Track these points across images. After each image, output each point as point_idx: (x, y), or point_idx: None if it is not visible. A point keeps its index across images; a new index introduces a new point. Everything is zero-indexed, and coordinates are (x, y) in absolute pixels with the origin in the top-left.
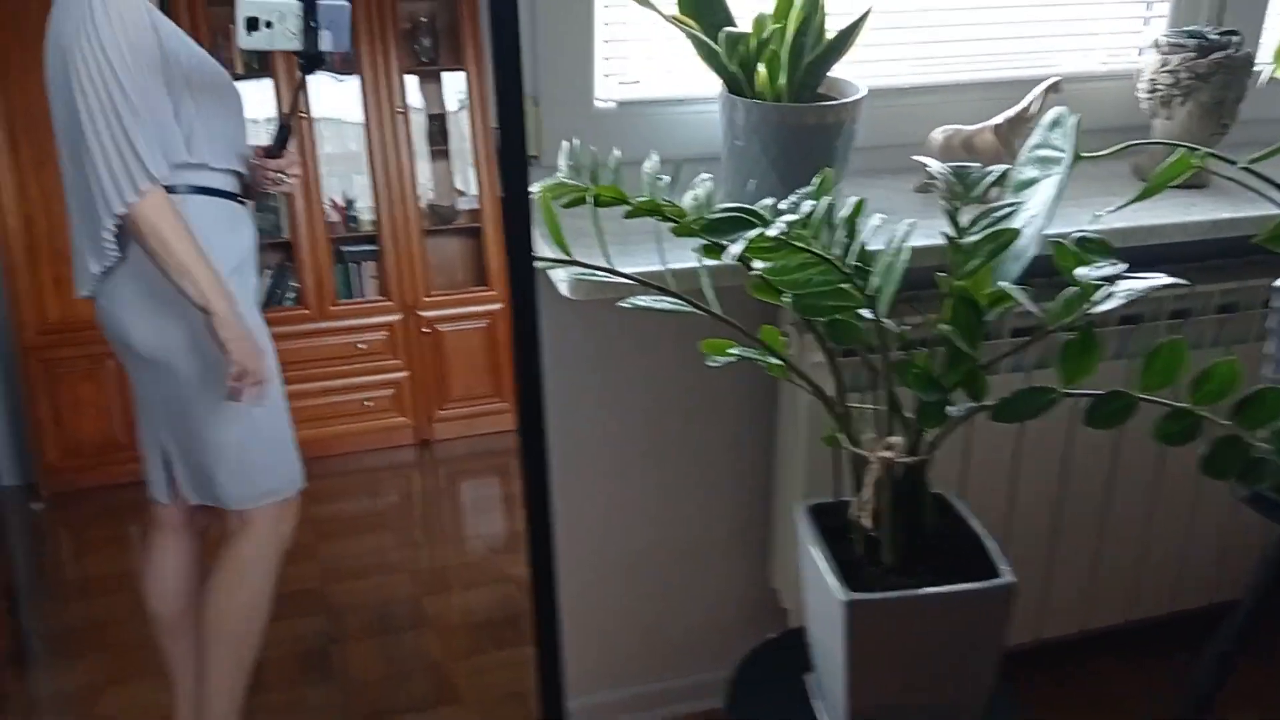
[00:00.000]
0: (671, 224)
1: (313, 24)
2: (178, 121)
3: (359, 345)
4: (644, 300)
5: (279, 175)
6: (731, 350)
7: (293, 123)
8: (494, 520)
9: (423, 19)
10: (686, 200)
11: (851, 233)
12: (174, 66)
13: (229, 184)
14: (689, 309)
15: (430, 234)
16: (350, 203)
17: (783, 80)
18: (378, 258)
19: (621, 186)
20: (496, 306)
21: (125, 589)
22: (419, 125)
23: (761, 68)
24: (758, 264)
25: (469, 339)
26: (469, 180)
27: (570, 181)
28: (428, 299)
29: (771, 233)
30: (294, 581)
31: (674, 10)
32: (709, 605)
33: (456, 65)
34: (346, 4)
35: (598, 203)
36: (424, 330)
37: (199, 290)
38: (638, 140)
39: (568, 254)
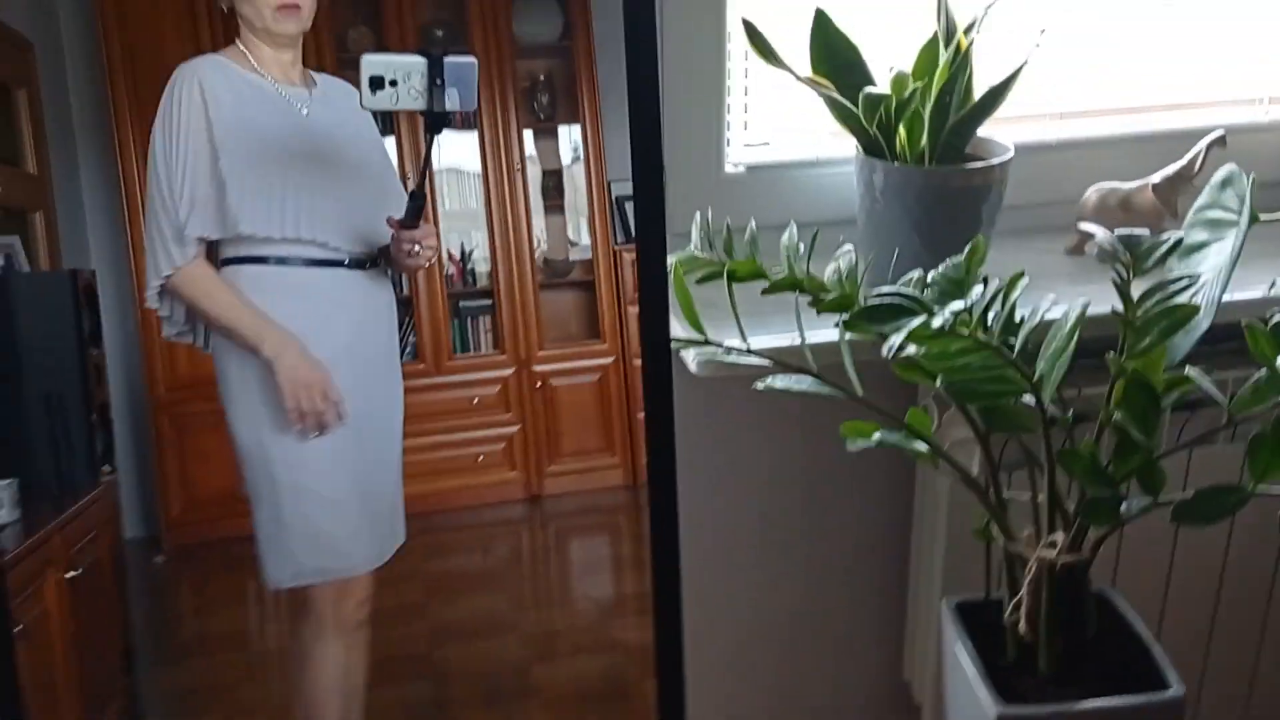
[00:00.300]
0: (814, 299)
1: (438, 82)
2: (226, 197)
3: (473, 400)
4: (781, 382)
5: (413, 248)
6: (875, 434)
7: (425, 194)
8: (603, 581)
9: (541, 77)
10: (827, 272)
11: (1011, 315)
12: (233, 149)
13: (300, 252)
14: (829, 391)
15: (544, 287)
16: (467, 255)
17: (925, 141)
18: (493, 312)
19: (756, 253)
20: (608, 360)
21: (241, 648)
22: (534, 179)
23: (902, 129)
24: (911, 347)
25: (580, 393)
26: (581, 232)
27: (704, 255)
28: (541, 353)
29: (936, 323)
30: (403, 644)
31: (807, 70)
32: (837, 693)
33: (572, 120)
34: (473, 60)
35: (734, 278)
36: (536, 384)
37: (244, 339)
38: (767, 205)
39: (701, 332)
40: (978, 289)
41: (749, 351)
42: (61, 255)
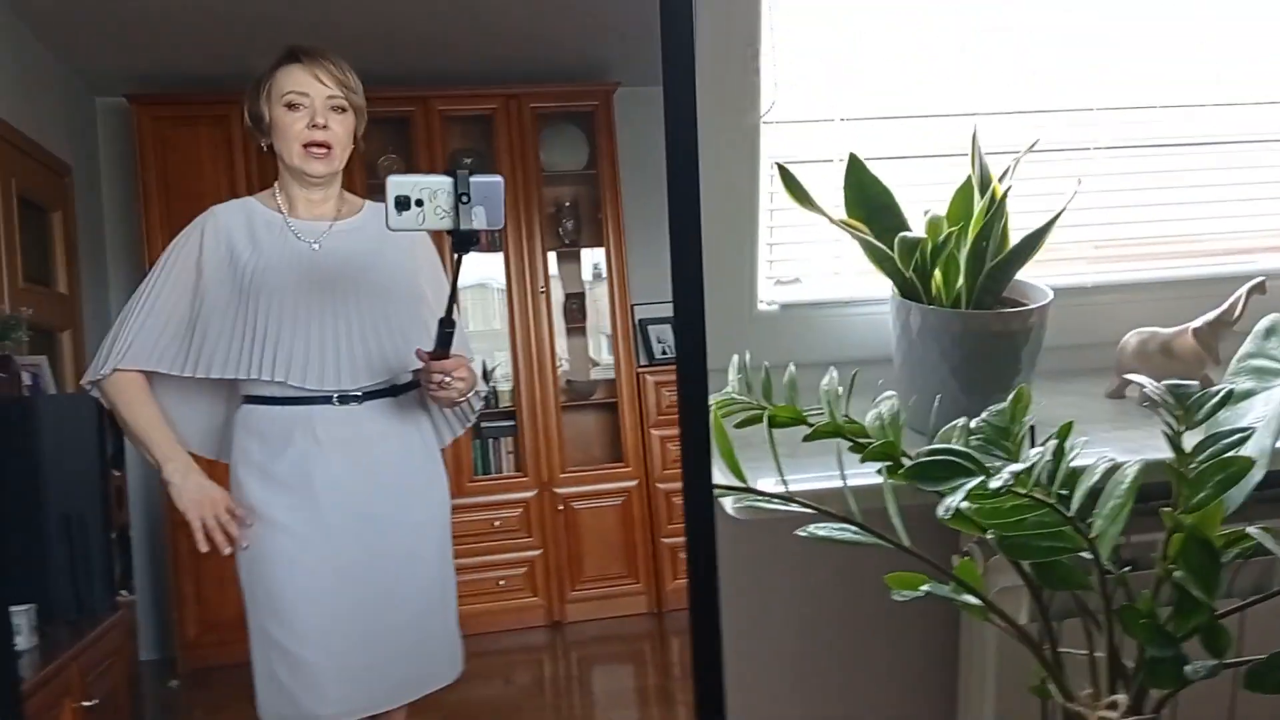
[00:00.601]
0: (854, 444)
1: (464, 200)
2: (198, 342)
3: (494, 522)
4: (823, 530)
5: (442, 379)
6: (923, 587)
7: (454, 322)
8: (629, 714)
9: (566, 203)
10: (869, 418)
11: (1062, 467)
12: (215, 296)
13: (278, 392)
14: (873, 541)
15: (566, 409)
16: (490, 375)
17: (960, 284)
18: (515, 433)
19: (796, 397)
20: (632, 484)
21: None
22: (556, 301)
23: (938, 272)
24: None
25: (603, 516)
26: (603, 352)
27: (742, 398)
28: (563, 475)
29: (995, 485)
30: None
31: (839, 213)
32: None
33: (596, 244)
34: (499, 179)
35: (775, 424)
36: (558, 507)
37: (152, 456)
38: (799, 343)
39: (741, 478)
40: (1035, 450)
41: (790, 499)
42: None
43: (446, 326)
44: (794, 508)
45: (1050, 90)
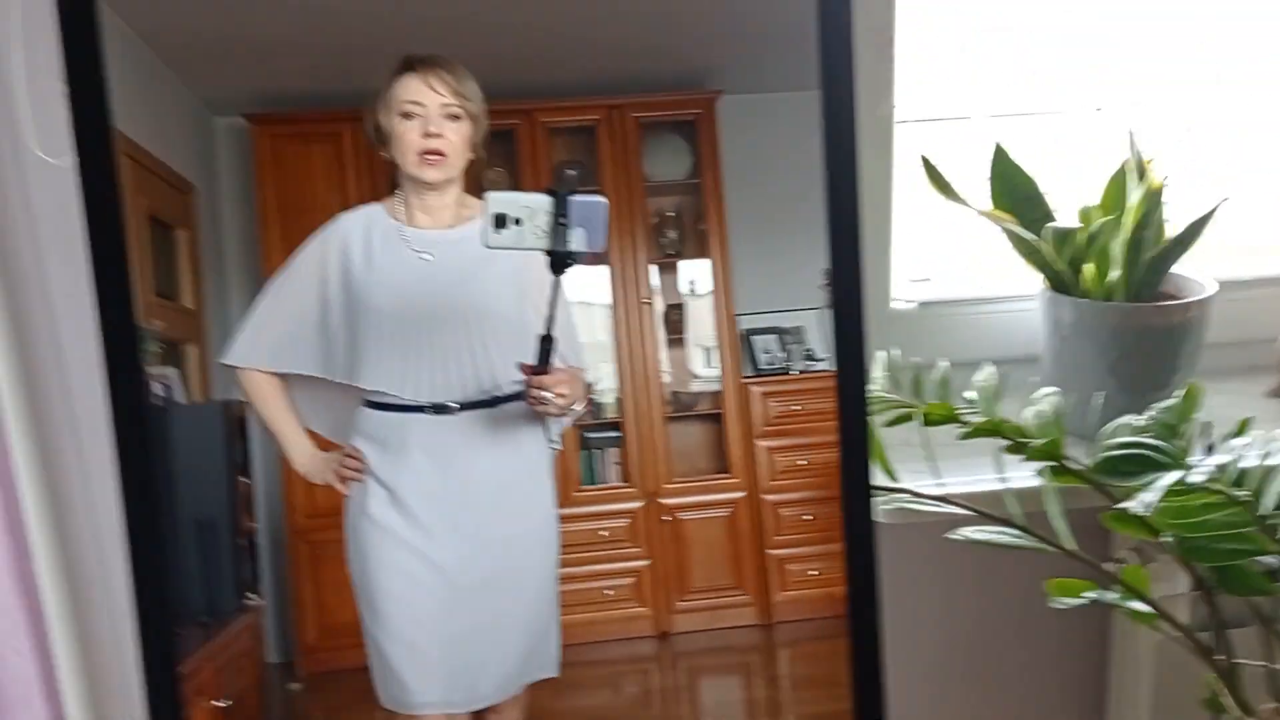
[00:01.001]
0: (1012, 444)
1: (562, 221)
2: (327, 344)
3: (601, 533)
4: (980, 534)
5: (542, 394)
6: (1089, 594)
7: (554, 337)
8: None
9: (669, 213)
10: (1026, 416)
11: (1248, 466)
12: (334, 303)
13: (383, 399)
14: (1036, 545)
15: (671, 420)
16: (594, 387)
17: (1115, 277)
18: (621, 444)
19: (948, 395)
20: (739, 495)
21: None
22: (659, 312)
23: (1089, 265)
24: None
25: (710, 527)
26: (700, 363)
27: (892, 396)
28: (669, 486)
29: (1195, 479)
30: None
31: (976, 205)
32: None
33: (700, 254)
34: (602, 200)
35: (929, 422)
36: (664, 518)
37: (280, 446)
38: (937, 342)
39: (893, 477)
40: (1240, 442)
41: (946, 500)
42: (212, 386)
43: (546, 342)
44: (950, 509)
45: (1204, 74)
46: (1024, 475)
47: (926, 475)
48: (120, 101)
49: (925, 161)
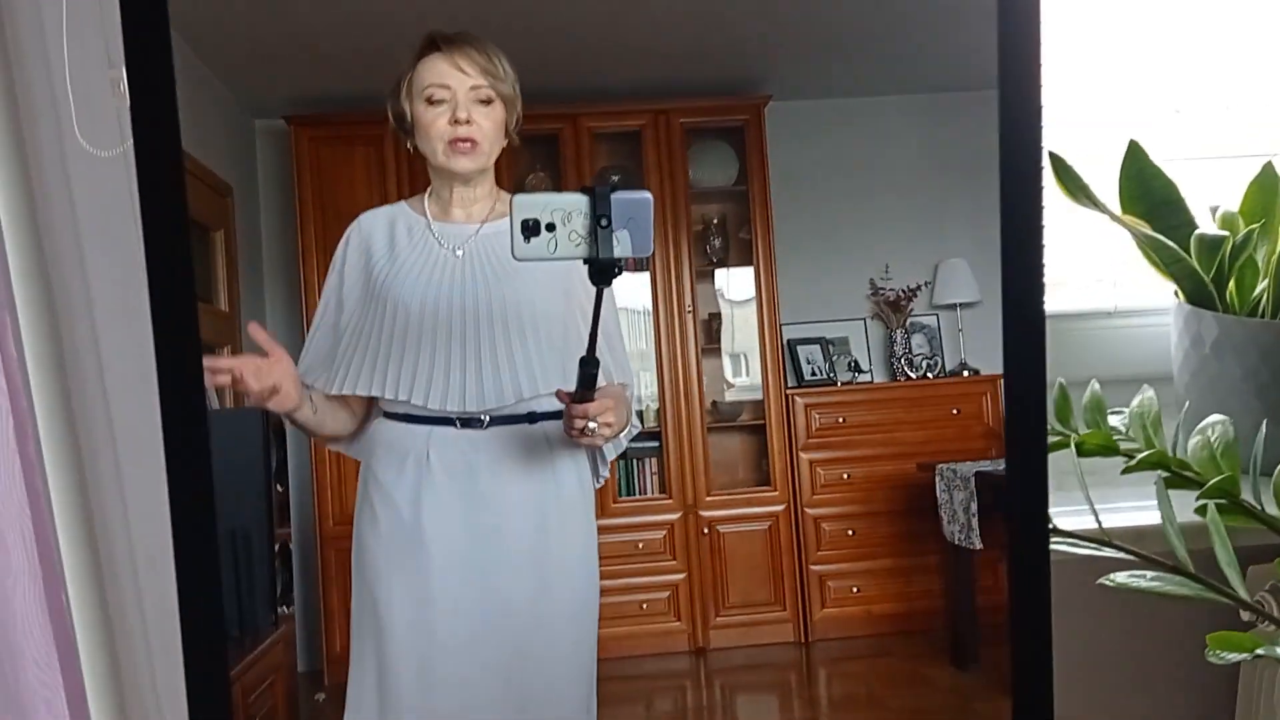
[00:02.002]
0: (1174, 477)
1: (604, 223)
2: (336, 355)
3: (638, 544)
4: (1144, 583)
5: (584, 425)
6: (1261, 650)
7: (597, 361)
8: None
9: (714, 220)
10: (1192, 448)
11: None
12: (352, 307)
13: (404, 409)
14: (1210, 596)
15: (711, 430)
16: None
17: (1263, 289)
18: (660, 454)
19: (1102, 420)
20: (779, 508)
21: None
22: (701, 322)
23: (1233, 275)
24: None
25: (749, 541)
26: (746, 374)
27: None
28: (709, 498)
29: None
30: None
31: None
32: None
33: (744, 262)
34: (646, 196)
35: (1082, 451)
36: (703, 530)
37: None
38: (1054, 359)
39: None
40: None
41: (1107, 543)
42: None
43: (588, 367)
44: (1109, 553)
45: None
46: (1148, 508)
47: (1061, 504)
48: None
49: (1054, 158)
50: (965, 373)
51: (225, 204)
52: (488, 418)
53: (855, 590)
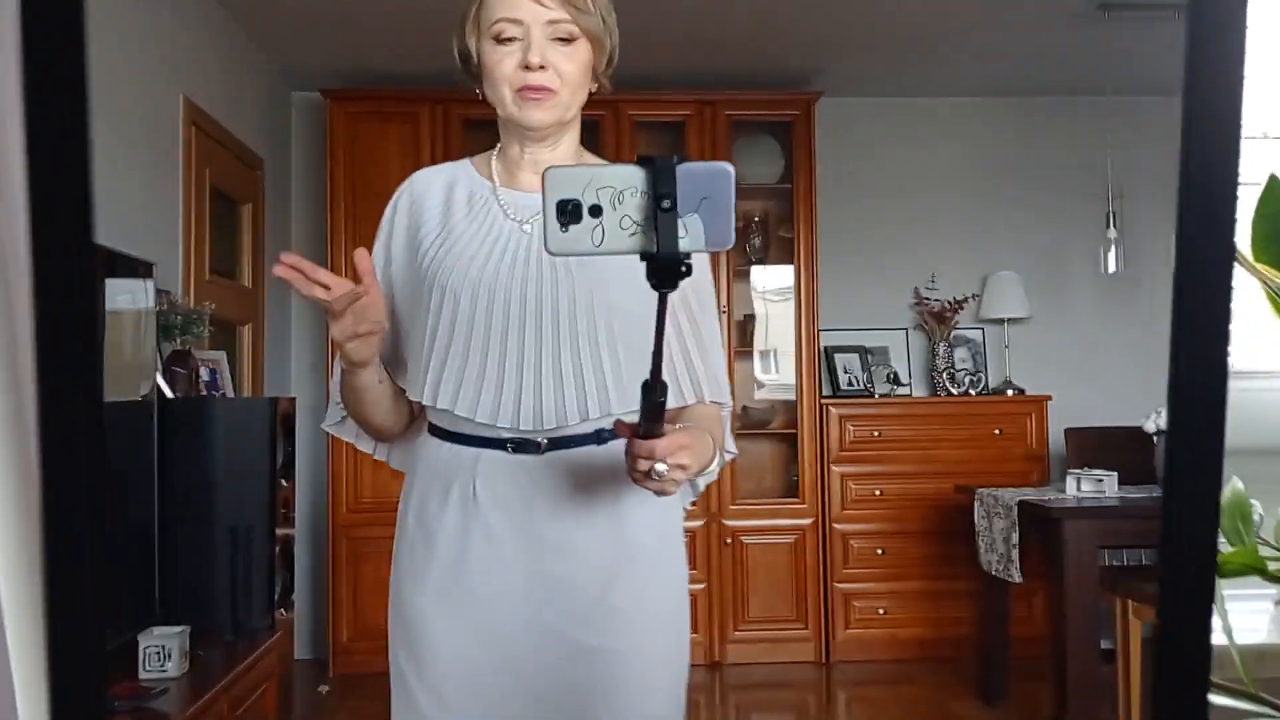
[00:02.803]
0: None
1: (665, 205)
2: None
3: None
4: None
5: (649, 467)
6: None
7: (664, 387)
8: None
9: (756, 218)
10: None
11: None
12: (400, 286)
13: (449, 424)
14: None
15: (739, 437)
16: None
17: None
18: None
19: (1249, 533)
20: (806, 521)
21: None
22: (735, 323)
23: None
24: None
25: (773, 553)
26: (779, 379)
27: None
28: (733, 506)
29: None
30: None
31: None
32: None
33: (784, 261)
34: (726, 168)
35: (1222, 572)
36: (726, 540)
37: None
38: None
39: None
40: None
41: (1257, 697)
42: (265, 369)
43: (653, 395)
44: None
45: None
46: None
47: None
48: (196, 70)
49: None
50: (1010, 391)
51: (255, 177)
52: (545, 440)
53: (881, 612)
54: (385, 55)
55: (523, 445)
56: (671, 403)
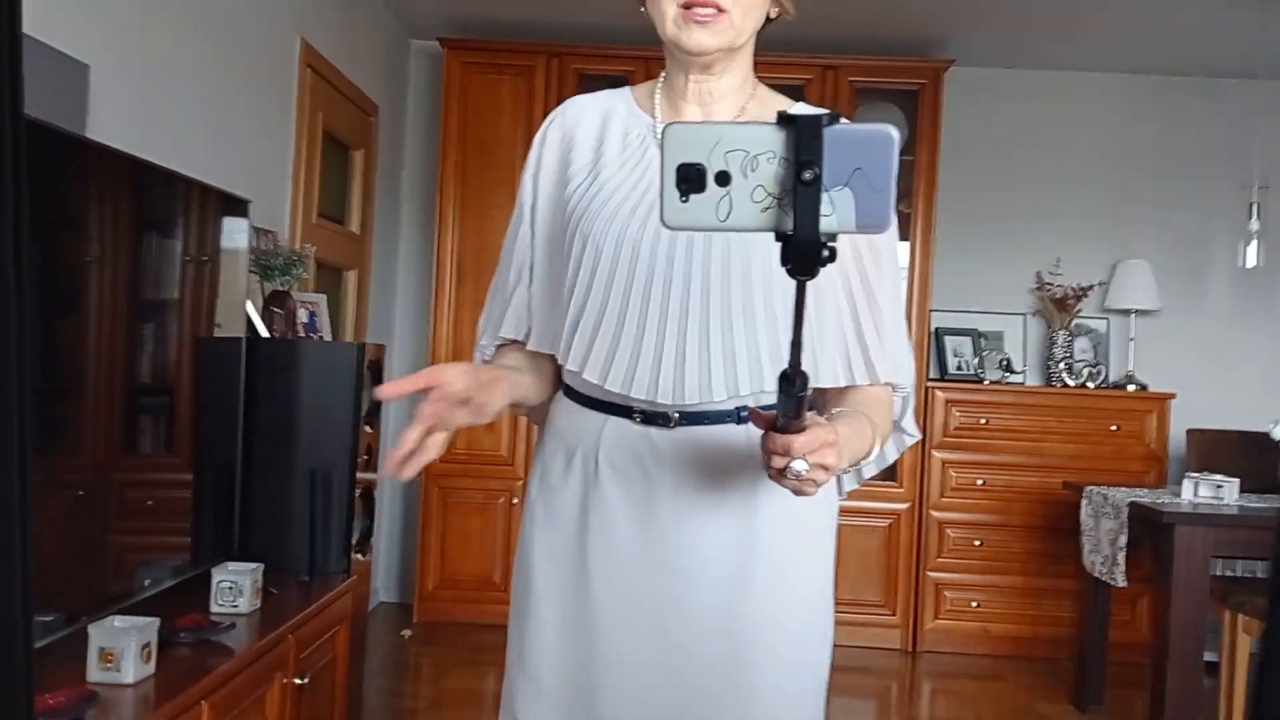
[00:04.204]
0: None
1: (807, 177)
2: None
3: None
4: None
5: (785, 464)
6: None
7: (805, 378)
8: None
9: None
10: None
11: None
12: (542, 235)
13: (587, 389)
14: None
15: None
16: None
17: None
18: None
19: None
20: (902, 506)
21: None
22: None
23: None
24: None
25: (865, 537)
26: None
27: None
28: None
29: None
30: None
31: None
32: None
33: (899, 237)
34: (889, 131)
35: None
36: None
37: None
38: None
39: None
40: None
41: None
42: (369, 315)
43: (791, 386)
44: None
45: None
46: None
47: None
48: (314, 14)
49: None
50: (1131, 387)
51: (369, 123)
52: (677, 414)
53: (975, 605)
54: (502, 4)
55: (652, 417)
56: (839, 381)
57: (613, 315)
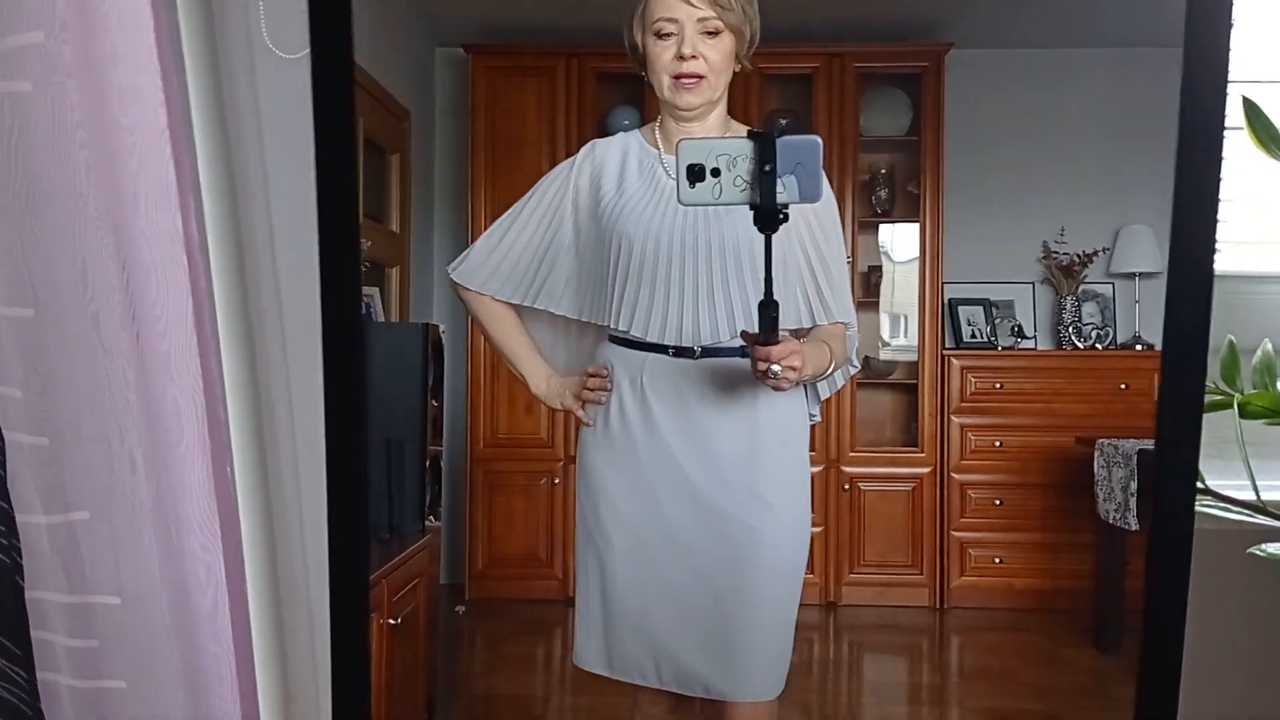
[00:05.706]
0: None
1: (768, 168)
2: (562, 283)
3: None
4: None
5: (767, 368)
6: None
7: (776, 303)
8: (899, 710)
9: (882, 170)
10: None
11: None
12: (585, 239)
13: (635, 336)
14: None
15: (861, 386)
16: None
17: None
18: None
19: (1272, 383)
20: (924, 470)
21: (526, 715)
22: (860, 274)
23: None
24: None
25: (890, 501)
26: (904, 336)
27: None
28: (853, 454)
29: None
30: None
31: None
32: None
33: (910, 216)
34: (815, 140)
35: (1245, 413)
36: (844, 486)
37: (517, 373)
38: (1231, 322)
39: (1199, 479)
40: None
41: (1262, 511)
42: (411, 308)
43: (767, 310)
44: (1263, 521)
45: None
46: None
47: (1228, 474)
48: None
49: (1247, 103)
50: (1139, 347)
51: (403, 128)
52: (699, 349)
53: (998, 561)
54: (524, 10)
55: (681, 351)
56: (804, 323)
57: (646, 285)
